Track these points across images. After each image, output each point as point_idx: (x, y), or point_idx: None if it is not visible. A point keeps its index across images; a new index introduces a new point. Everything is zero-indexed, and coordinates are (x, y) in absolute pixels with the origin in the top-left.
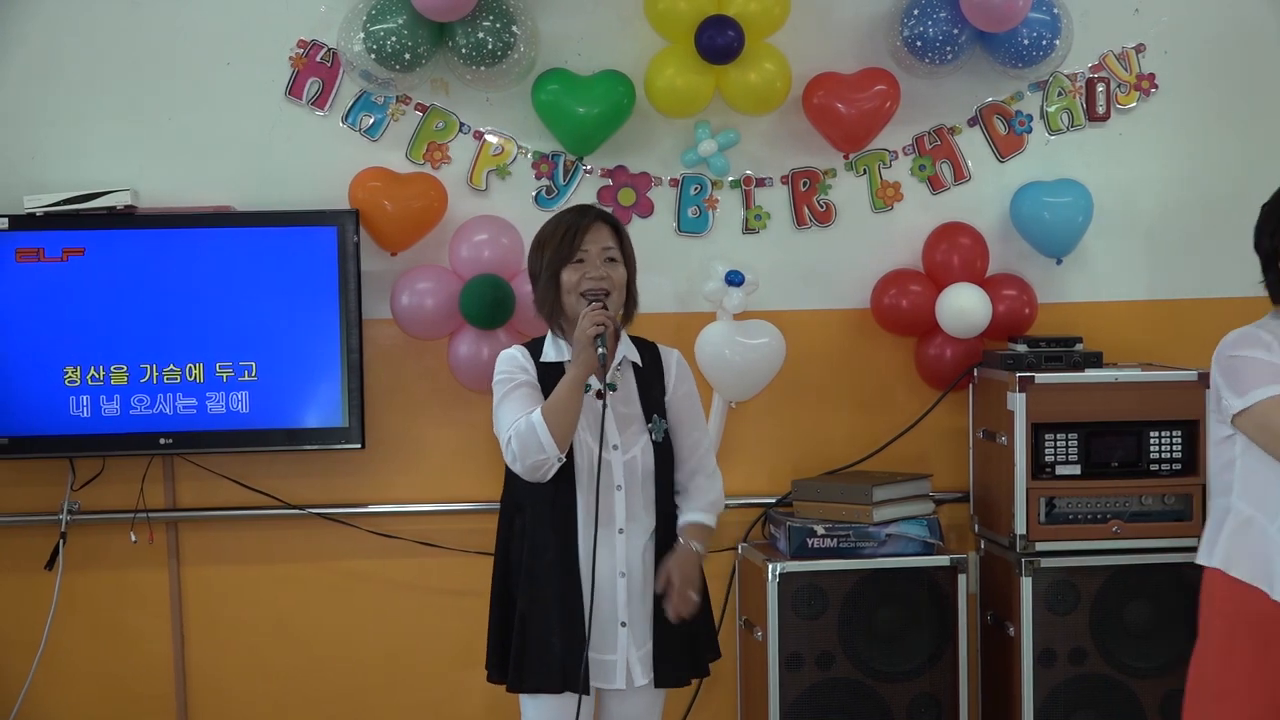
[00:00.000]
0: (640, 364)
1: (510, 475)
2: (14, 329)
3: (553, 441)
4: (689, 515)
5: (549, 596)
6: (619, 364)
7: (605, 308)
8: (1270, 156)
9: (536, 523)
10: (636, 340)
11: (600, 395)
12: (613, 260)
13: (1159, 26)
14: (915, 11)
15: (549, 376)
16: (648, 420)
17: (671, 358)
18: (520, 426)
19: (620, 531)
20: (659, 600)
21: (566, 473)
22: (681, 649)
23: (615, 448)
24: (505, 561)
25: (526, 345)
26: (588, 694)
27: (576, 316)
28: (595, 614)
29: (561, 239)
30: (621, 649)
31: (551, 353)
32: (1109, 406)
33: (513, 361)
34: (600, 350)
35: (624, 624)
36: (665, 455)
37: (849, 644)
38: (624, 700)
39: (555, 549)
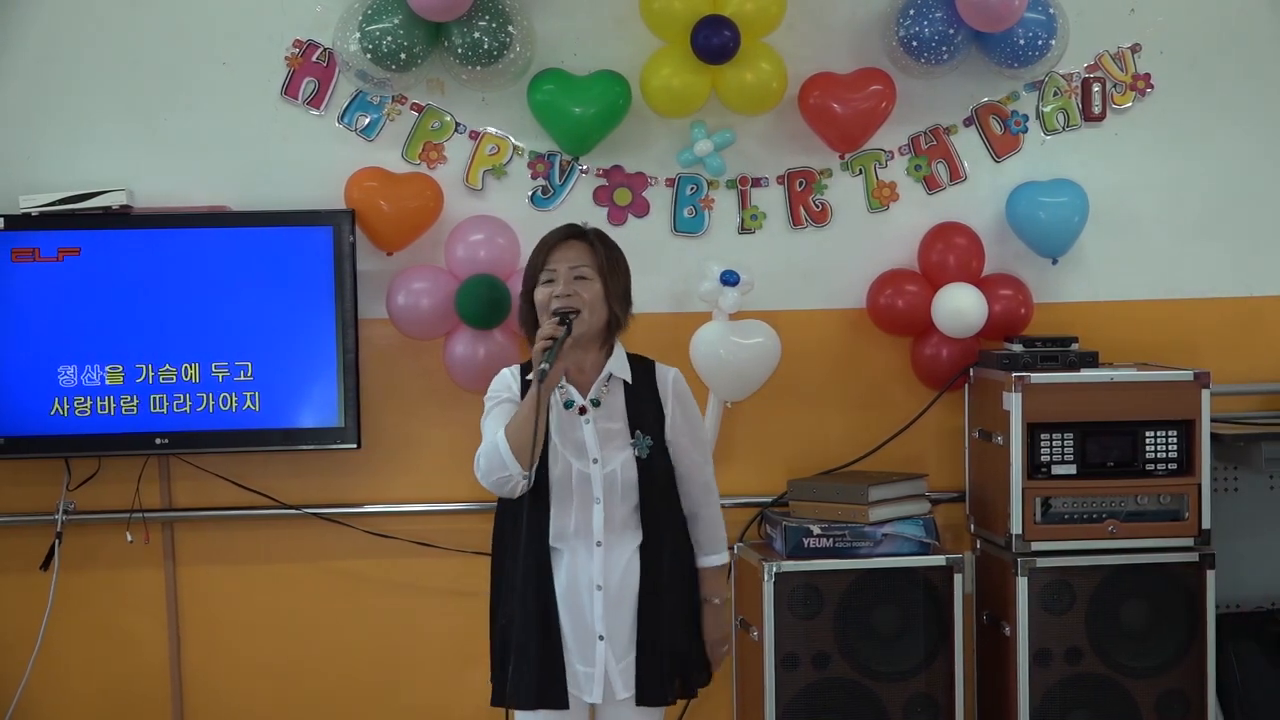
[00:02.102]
0: (630, 381)
1: None
2: (9, 329)
3: (514, 459)
4: (707, 559)
5: (526, 612)
6: (607, 380)
7: (565, 323)
8: (1266, 156)
9: (517, 538)
10: (633, 357)
11: (583, 411)
12: (582, 278)
13: (1154, 26)
14: (911, 11)
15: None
16: (631, 436)
17: (668, 377)
18: (487, 445)
19: (598, 545)
20: (643, 615)
21: (545, 486)
22: (667, 668)
23: (595, 461)
24: (496, 577)
25: (522, 365)
26: (565, 708)
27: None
28: (572, 627)
29: (532, 261)
30: (599, 661)
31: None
32: (1105, 406)
33: (500, 381)
34: (543, 366)
35: (601, 637)
36: (649, 471)
37: (845, 644)
38: (615, 715)
39: (532, 563)
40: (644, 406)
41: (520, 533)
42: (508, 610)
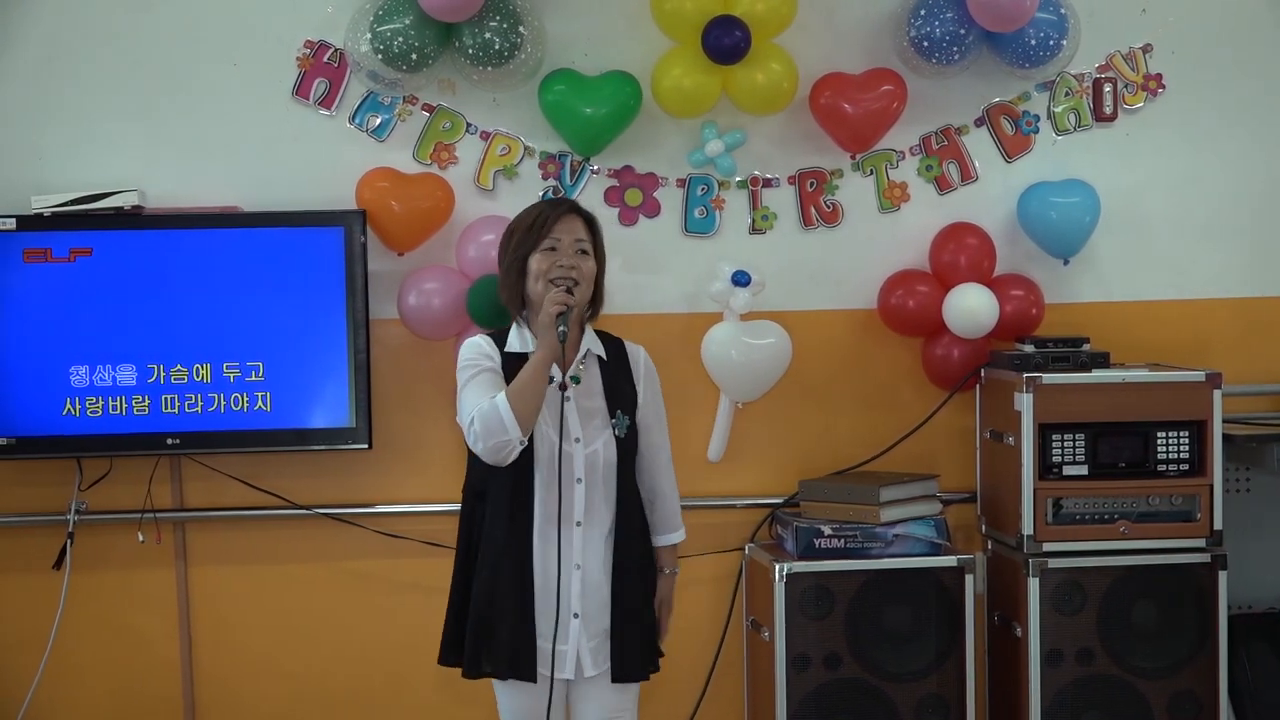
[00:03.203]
0: (605, 358)
1: (472, 461)
2: (21, 329)
3: (515, 423)
4: (665, 538)
5: (504, 586)
6: (583, 357)
7: (570, 291)
8: (1277, 157)
9: (495, 511)
10: (601, 335)
11: (563, 387)
12: (584, 252)
13: (1166, 27)
14: (922, 12)
15: (513, 366)
16: (611, 415)
17: (639, 355)
18: (484, 408)
19: (578, 524)
20: (617, 595)
21: (526, 463)
22: (638, 646)
23: (577, 440)
24: (466, 548)
25: (492, 335)
26: (534, 681)
27: (544, 301)
28: (548, 605)
29: (530, 226)
30: (573, 639)
31: (516, 343)
32: (1116, 407)
33: (477, 349)
34: (561, 329)
35: (576, 615)
36: (627, 450)
37: (856, 644)
38: (587, 693)
39: (512, 539)
40: (620, 384)
41: (501, 509)
42: (483, 584)
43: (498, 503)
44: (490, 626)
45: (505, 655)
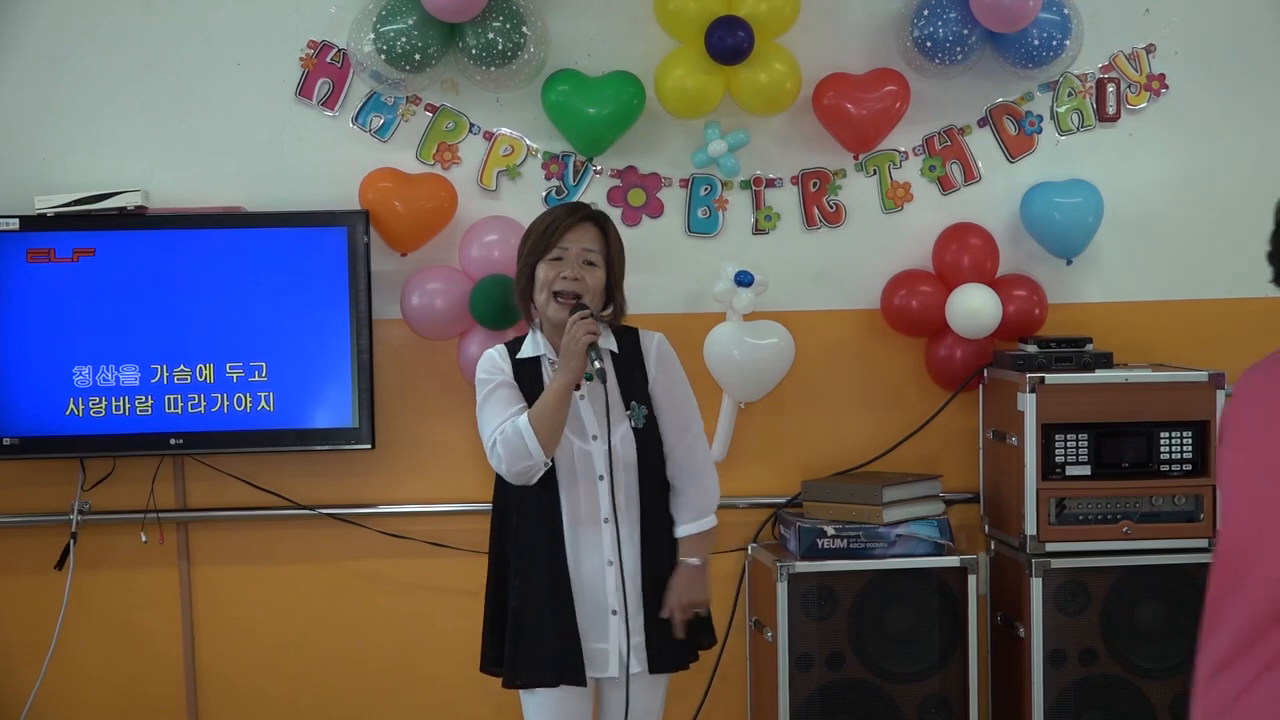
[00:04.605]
0: (617, 351)
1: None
2: (25, 329)
3: (539, 448)
4: (683, 528)
5: (539, 592)
6: (596, 356)
7: (586, 311)
8: None
9: (524, 519)
10: (618, 328)
11: (576, 387)
12: (591, 264)
13: (1169, 27)
14: (925, 12)
15: (524, 371)
16: (626, 407)
17: (651, 342)
18: (507, 432)
19: (606, 521)
20: (650, 586)
21: (550, 467)
22: (670, 637)
23: (594, 438)
24: (499, 558)
25: (507, 344)
26: (584, 685)
27: (547, 313)
28: (585, 604)
29: (542, 233)
30: (614, 637)
31: (529, 348)
32: (1120, 407)
33: (490, 363)
34: (598, 365)
35: (614, 612)
36: (647, 441)
37: (859, 645)
38: (621, 688)
39: (542, 544)
40: (633, 375)
41: (528, 514)
42: (521, 592)
43: (524, 508)
44: (530, 635)
45: (550, 663)
